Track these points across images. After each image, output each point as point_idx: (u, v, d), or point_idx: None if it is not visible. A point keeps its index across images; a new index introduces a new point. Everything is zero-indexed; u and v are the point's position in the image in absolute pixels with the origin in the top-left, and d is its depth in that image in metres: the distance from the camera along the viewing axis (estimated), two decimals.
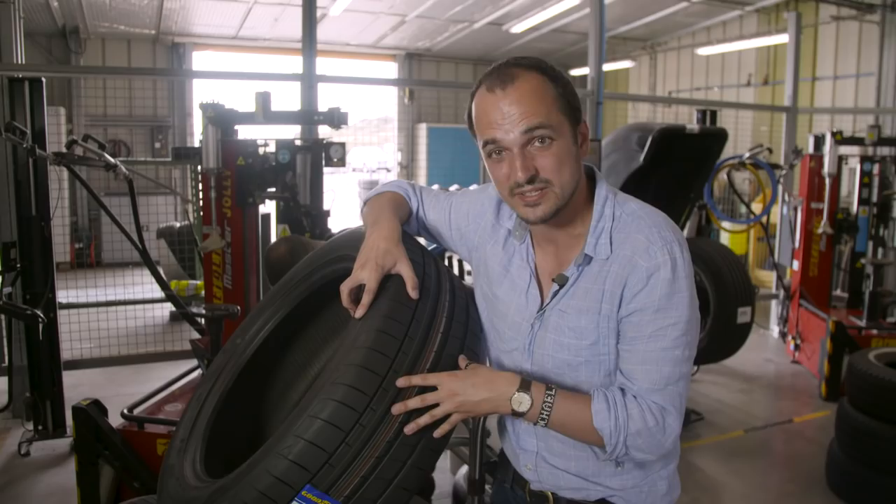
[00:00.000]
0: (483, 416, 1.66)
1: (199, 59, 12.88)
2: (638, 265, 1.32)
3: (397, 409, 1.26)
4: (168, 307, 7.23)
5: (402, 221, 1.57)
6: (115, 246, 6.44)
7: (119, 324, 6.10)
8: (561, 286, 1.40)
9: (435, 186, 1.80)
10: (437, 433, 1.30)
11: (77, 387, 5.03)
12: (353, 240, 1.65)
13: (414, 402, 1.27)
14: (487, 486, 1.80)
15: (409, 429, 1.27)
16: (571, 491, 1.49)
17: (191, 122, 12.45)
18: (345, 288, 1.40)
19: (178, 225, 7.97)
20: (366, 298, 1.37)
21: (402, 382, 1.28)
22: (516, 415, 1.33)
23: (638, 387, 1.34)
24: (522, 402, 1.32)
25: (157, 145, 12.00)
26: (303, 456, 1.22)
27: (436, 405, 1.29)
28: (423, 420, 1.28)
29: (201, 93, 12.46)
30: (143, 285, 6.45)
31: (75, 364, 5.16)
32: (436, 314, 1.40)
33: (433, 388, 1.30)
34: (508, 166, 1.33)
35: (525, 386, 1.33)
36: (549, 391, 1.33)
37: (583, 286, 1.38)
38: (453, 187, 2.02)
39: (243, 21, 11.65)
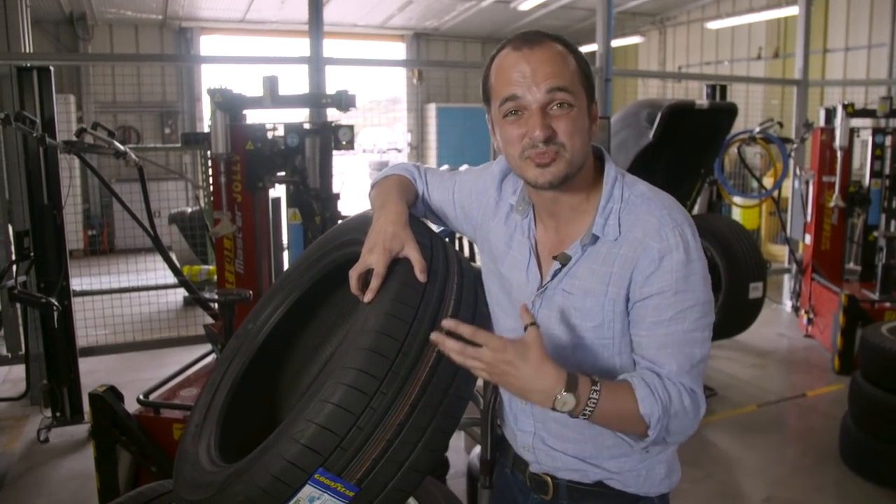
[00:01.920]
0: (493, 397, 1.68)
1: (207, 44, 12.87)
2: (649, 247, 1.30)
3: (434, 337, 1.26)
4: (181, 292, 7.28)
5: (410, 205, 1.56)
6: (128, 233, 6.49)
7: (133, 310, 6.16)
8: (563, 265, 1.39)
9: (444, 167, 1.79)
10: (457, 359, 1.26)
11: (93, 373, 5.09)
12: (362, 224, 1.66)
13: (452, 345, 1.25)
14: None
15: (436, 336, 1.25)
16: (569, 472, 1.49)
17: (200, 107, 12.46)
18: (354, 273, 1.40)
19: (189, 210, 8.01)
20: (374, 283, 1.37)
21: (449, 324, 1.26)
22: (554, 410, 1.26)
23: (668, 370, 1.32)
24: (567, 402, 1.25)
25: (167, 131, 12.03)
26: (315, 440, 1.24)
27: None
28: (453, 345, 1.24)
29: (210, 77, 12.47)
30: (157, 271, 6.50)
31: (91, 351, 5.22)
32: (444, 297, 1.40)
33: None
34: (525, 125, 1.32)
35: (572, 385, 1.25)
36: (594, 387, 1.27)
37: (588, 266, 1.37)
38: (463, 167, 2.00)
39: (250, 4, 11.61)
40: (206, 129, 4.06)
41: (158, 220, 4.77)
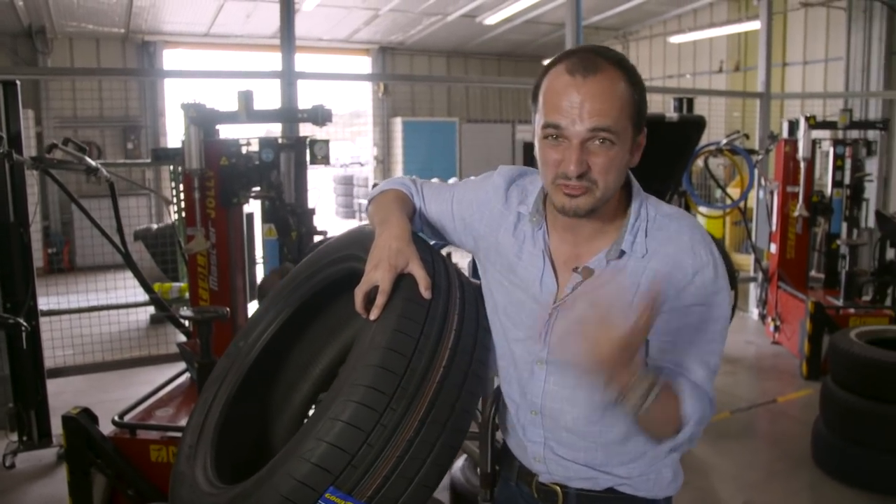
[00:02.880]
0: (494, 409, 1.67)
1: (170, 58, 12.70)
2: (684, 263, 1.36)
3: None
4: (148, 311, 7.17)
5: (409, 219, 1.56)
6: (90, 250, 6.35)
7: (99, 329, 6.03)
8: (585, 279, 1.40)
9: (434, 180, 1.79)
10: None
11: (60, 395, 4.96)
12: (358, 240, 1.65)
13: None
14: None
15: None
16: (580, 481, 1.49)
17: (164, 122, 12.28)
18: (360, 292, 1.39)
19: (155, 227, 7.89)
20: (380, 299, 1.36)
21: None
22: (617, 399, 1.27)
23: (695, 376, 1.37)
24: (637, 391, 1.25)
25: (130, 146, 11.83)
26: (325, 458, 1.23)
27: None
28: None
29: (174, 92, 12.33)
30: (121, 289, 6.38)
31: (58, 372, 5.09)
32: (448, 311, 1.40)
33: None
34: (562, 154, 1.32)
35: (645, 373, 1.26)
36: (654, 386, 1.27)
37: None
38: (451, 180, 2.01)
39: (215, 18, 11.51)
40: (171, 145, 4.01)
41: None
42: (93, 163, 3.94)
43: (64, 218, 10.97)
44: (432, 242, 1.70)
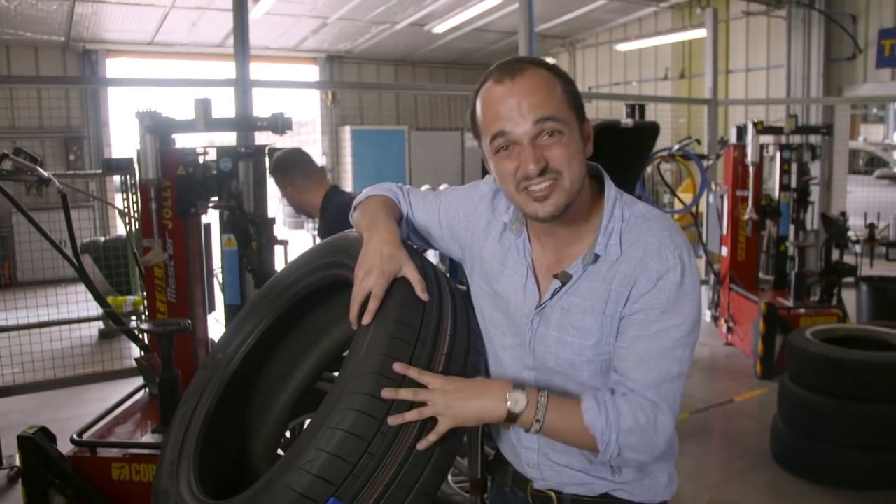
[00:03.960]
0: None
1: (114, 66, 12.41)
2: (649, 267, 1.33)
3: (393, 420, 1.25)
4: (97, 326, 6.96)
5: (396, 224, 1.55)
6: (32, 264, 6.12)
7: (48, 346, 5.82)
8: (563, 283, 1.39)
9: (425, 187, 1.78)
10: (421, 445, 1.27)
11: (7, 414, 4.79)
12: (342, 247, 1.63)
13: (405, 393, 1.26)
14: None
15: (393, 420, 1.24)
16: (576, 486, 1.49)
17: (108, 132, 11.99)
18: (355, 301, 1.37)
19: (103, 239, 7.67)
20: (372, 304, 1.34)
21: (399, 368, 1.27)
22: (511, 418, 1.32)
23: (633, 383, 1.33)
24: (519, 400, 1.31)
25: (72, 157, 11.50)
26: (326, 469, 1.20)
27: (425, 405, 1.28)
28: (410, 415, 1.25)
29: (118, 101, 12.04)
30: (67, 304, 6.18)
31: (6, 391, 4.91)
32: (441, 317, 1.39)
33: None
34: (517, 159, 1.32)
35: (519, 387, 1.33)
36: (541, 393, 1.33)
37: (588, 285, 1.38)
38: (442, 187, 2.00)
39: (159, 26, 11.29)
40: (116, 155, 3.90)
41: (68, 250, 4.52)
42: (45, 173, 3.81)
43: (3, 231, 10.60)
44: (416, 247, 1.68)
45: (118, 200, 6.91)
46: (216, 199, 4.03)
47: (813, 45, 9.33)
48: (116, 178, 6.96)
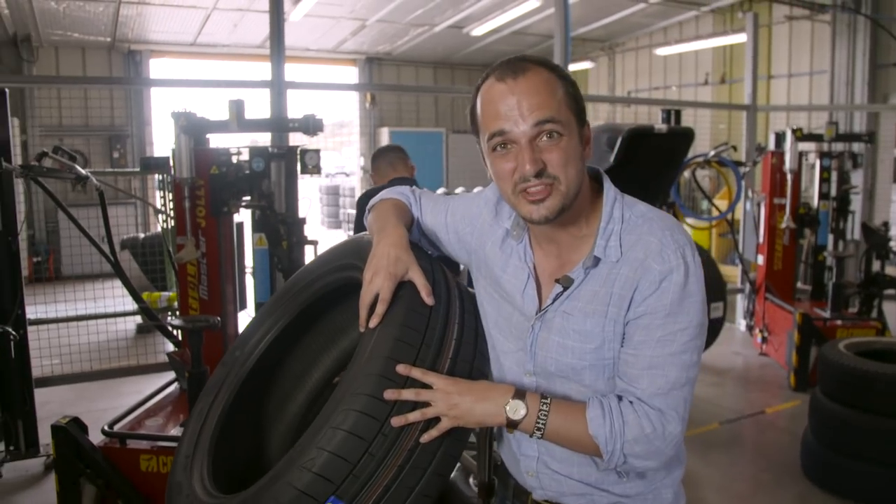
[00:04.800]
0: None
1: (157, 67, 12.68)
2: (651, 268, 1.30)
3: (396, 421, 1.27)
4: (135, 320, 7.11)
5: (407, 228, 1.56)
6: (75, 259, 6.30)
7: (86, 338, 5.97)
8: (565, 288, 1.38)
9: (441, 190, 1.79)
10: (425, 437, 1.29)
11: (47, 404, 4.91)
12: (356, 249, 1.65)
13: (407, 394, 1.28)
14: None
15: (396, 421, 1.26)
16: (575, 497, 1.47)
17: (150, 131, 12.25)
18: (363, 303, 1.38)
19: (142, 236, 7.84)
20: (380, 308, 1.36)
21: (402, 369, 1.28)
22: (511, 424, 1.33)
23: (641, 391, 1.31)
24: (518, 409, 1.31)
25: (116, 155, 11.78)
26: (326, 468, 1.22)
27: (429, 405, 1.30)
28: (413, 416, 1.27)
29: (160, 101, 12.29)
30: (107, 298, 6.33)
31: (45, 381, 5.03)
32: (448, 320, 1.40)
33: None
34: (515, 160, 1.31)
35: (520, 395, 1.33)
36: (543, 399, 1.33)
37: (589, 289, 1.36)
38: (458, 190, 2.01)
39: (201, 27, 11.50)
40: (157, 154, 3.99)
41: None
42: (83, 171, 3.91)
43: (49, 227, 10.90)
44: (429, 252, 1.70)
45: (157, 198, 7.07)
46: (248, 198, 4.11)
47: (858, 50, 9.12)
48: (158, 177, 7.11)
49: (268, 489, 1.27)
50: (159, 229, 7.33)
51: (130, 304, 6.32)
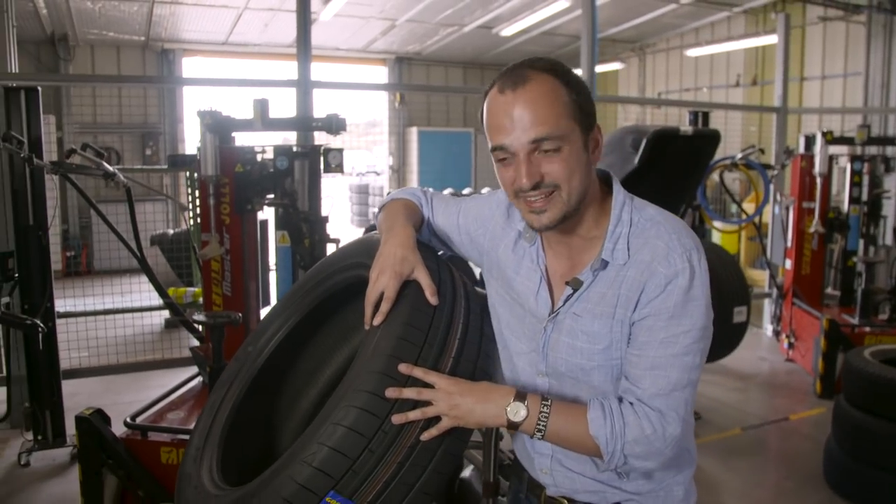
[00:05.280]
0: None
1: (189, 65, 12.86)
2: (657, 272, 1.31)
3: (396, 419, 1.28)
4: (163, 315, 7.23)
5: (416, 228, 1.57)
6: (107, 254, 6.43)
7: (114, 332, 6.09)
8: (575, 290, 1.39)
9: (447, 191, 1.80)
10: (425, 436, 1.31)
11: (74, 396, 5.01)
12: (366, 248, 1.67)
13: (409, 392, 1.29)
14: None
15: (397, 419, 1.27)
16: (588, 494, 1.48)
17: (182, 129, 12.43)
18: (369, 302, 1.41)
19: (171, 232, 7.95)
20: (384, 306, 1.38)
21: (404, 368, 1.30)
22: (511, 426, 1.35)
23: (642, 391, 1.33)
24: (518, 410, 1.33)
25: (148, 152, 11.97)
26: (326, 463, 1.24)
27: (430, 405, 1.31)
28: (413, 415, 1.29)
29: (192, 99, 12.47)
30: (137, 293, 6.45)
31: (73, 373, 5.15)
32: (452, 320, 1.41)
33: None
34: (514, 171, 1.33)
35: (520, 397, 1.35)
36: (544, 401, 1.35)
37: (598, 290, 1.38)
38: (466, 191, 2.01)
39: (233, 27, 11.64)
40: (188, 151, 4.06)
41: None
42: (110, 168, 3.99)
43: (82, 222, 11.12)
44: (440, 252, 1.71)
45: (185, 195, 7.17)
46: (272, 196, 4.16)
47: (894, 51, 8.96)
48: (187, 174, 7.22)
49: (269, 482, 1.30)
50: (187, 226, 7.43)
51: (158, 300, 6.43)
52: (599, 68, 13.77)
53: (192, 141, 12.33)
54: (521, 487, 1.61)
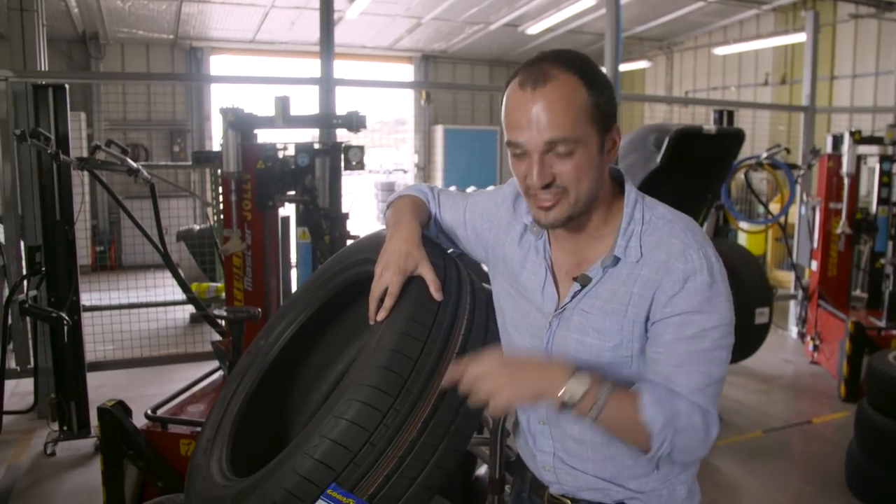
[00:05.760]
0: (504, 417, 1.68)
1: (217, 63, 12.98)
2: (674, 268, 1.31)
3: (448, 376, 1.29)
4: (188, 309, 7.31)
5: (423, 225, 1.58)
6: (136, 249, 6.54)
7: (140, 326, 6.18)
8: (583, 286, 1.39)
9: (452, 188, 1.81)
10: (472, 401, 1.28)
11: (100, 388, 5.10)
12: (374, 243, 1.68)
13: (467, 382, 1.28)
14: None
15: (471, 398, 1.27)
16: (591, 492, 1.48)
17: (209, 126, 12.56)
18: (373, 299, 1.42)
19: (197, 228, 8.05)
20: (388, 302, 1.39)
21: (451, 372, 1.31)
22: (564, 407, 1.27)
23: (682, 387, 1.31)
24: (574, 392, 1.26)
25: (176, 149, 12.11)
26: (328, 455, 1.26)
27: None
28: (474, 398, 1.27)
29: (219, 96, 12.58)
30: (164, 287, 6.53)
31: (98, 366, 5.24)
32: (457, 316, 1.42)
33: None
34: (527, 168, 1.33)
35: (583, 375, 1.27)
36: (602, 384, 1.28)
37: (609, 287, 1.37)
38: (470, 189, 2.02)
39: (260, 25, 11.73)
40: (216, 148, 4.11)
41: (167, 238, 4.80)
42: (133, 164, 4.05)
43: (111, 217, 11.29)
44: (450, 251, 1.72)
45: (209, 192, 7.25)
46: (293, 192, 4.20)
47: None
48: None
49: (272, 474, 1.32)
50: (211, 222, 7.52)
51: (183, 294, 6.53)
52: (626, 67, 13.75)
53: (218, 138, 12.44)
54: (524, 486, 1.61)
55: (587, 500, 1.49)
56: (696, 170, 5.22)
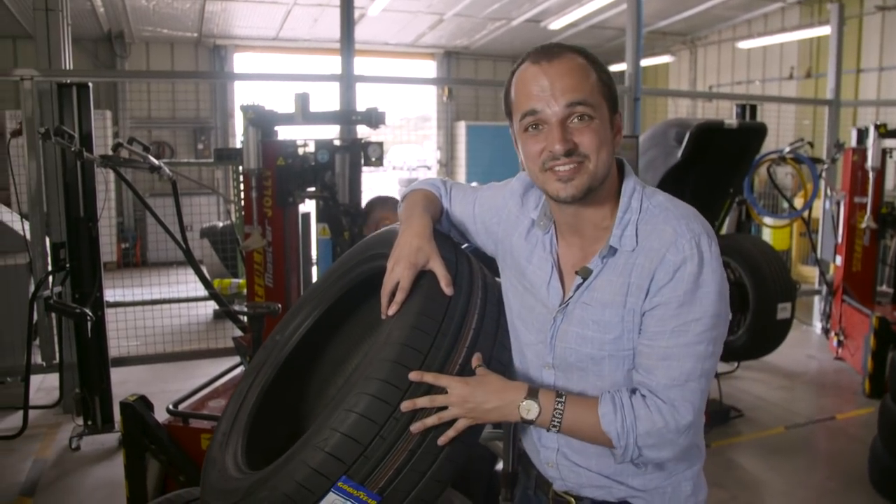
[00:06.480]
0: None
1: (241, 61, 13.09)
2: (666, 259, 1.30)
3: (406, 406, 1.29)
4: (211, 305, 7.39)
5: (435, 219, 1.59)
6: (160, 246, 6.62)
7: (164, 322, 6.26)
8: (584, 279, 1.39)
9: (473, 184, 1.81)
10: (441, 440, 1.33)
11: (124, 383, 5.18)
12: (388, 238, 1.69)
13: (423, 402, 1.30)
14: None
15: (415, 427, 1.29)
16: (593, 489, 1.48)
17: (232, 123, 12.67)
18: (384, 293, 1.43)
19: (220, 224, 8.13)
20: (399, 296, 1.40)
21: (414, 376, 1.30)
22: (526, 422, 1.37)
23: (655, 383, 1.32)
24: (531, 409, 1.35)
25: (200, 146, 12.23)
26: (338, 448, 1.27)
27: (445, 407, 1.32)
28: (431, 420, 1.31)
29: (243, 94, 12.69)
30: (188, 284, 6.61)
31: (122, 361, 5.32)
32: (468, 311, 1.43)
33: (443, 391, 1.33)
34: (545, 140, 1.33)
35: (533, 394, 1.36)
36: (558, 398, 1.36)
37: (607, 278, 1.37)
38: (473, 184, 2.02)
39: (283, 22, 11.81)
40: (239, 145, 4.14)
41: (190, 234, 4.86)
42: (155, 161, 4.10)
43: (137, 214, 11.43)
44: (464, 245, 1.72)
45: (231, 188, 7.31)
46: (313, 189, 4.22)
47: None
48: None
49: (284, 467, 1.33)
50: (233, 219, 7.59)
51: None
52: (649, 61, 13.64)
53: (241, 135, 12.53)
54: (530, 484, 1.61)
55: (590, 498, 1.49)
56: (717, 164, 5.18)
